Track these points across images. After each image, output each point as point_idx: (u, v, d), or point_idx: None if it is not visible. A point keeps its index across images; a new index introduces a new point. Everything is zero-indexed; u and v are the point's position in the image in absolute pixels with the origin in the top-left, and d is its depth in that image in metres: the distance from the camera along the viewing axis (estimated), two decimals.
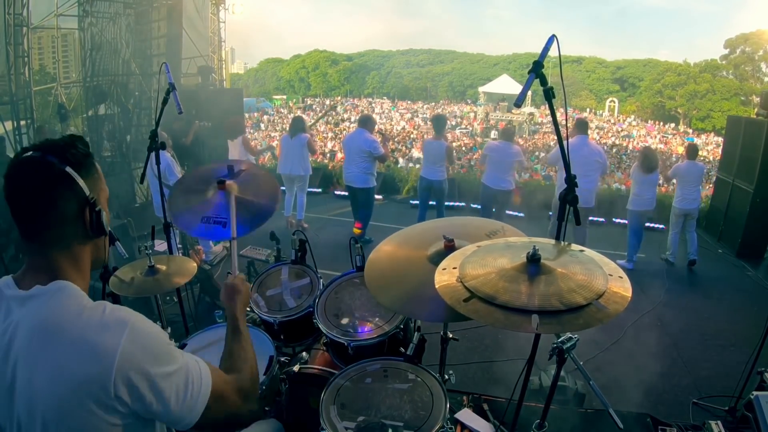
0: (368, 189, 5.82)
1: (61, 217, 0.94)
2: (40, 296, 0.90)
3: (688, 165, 5.68)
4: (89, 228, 0.97)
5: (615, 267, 1.29)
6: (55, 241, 0.95)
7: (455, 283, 1.28)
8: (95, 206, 0.97)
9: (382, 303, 1.67)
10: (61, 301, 0.90)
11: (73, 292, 0.92)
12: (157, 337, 0.92)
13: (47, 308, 0.88)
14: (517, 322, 1.13)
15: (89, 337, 0.85)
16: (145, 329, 0.91)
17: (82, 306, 0.90)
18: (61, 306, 0.89)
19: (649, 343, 3.82)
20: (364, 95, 43.46)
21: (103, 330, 0.87)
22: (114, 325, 0.88)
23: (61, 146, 0.95)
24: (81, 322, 0.87)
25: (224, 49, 10.45)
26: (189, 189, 2.21)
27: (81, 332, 0.86)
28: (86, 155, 0.99)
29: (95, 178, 1.00)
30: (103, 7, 6.53)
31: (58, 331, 0.86)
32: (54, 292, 0.91)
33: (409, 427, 1.38)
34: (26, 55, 5.94)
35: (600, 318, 1.10)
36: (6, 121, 5.74)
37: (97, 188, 1.00)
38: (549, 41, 1.45)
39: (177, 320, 2.82)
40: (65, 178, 0.93)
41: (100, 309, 0.90)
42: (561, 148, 1.48)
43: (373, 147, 5.63)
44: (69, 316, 0.88)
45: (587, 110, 36.96)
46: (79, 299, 0.92)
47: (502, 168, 5.68)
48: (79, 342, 0.85)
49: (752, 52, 32.44)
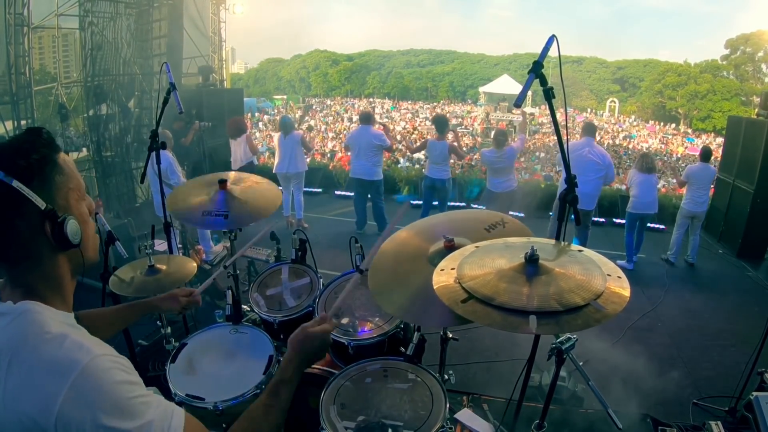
0: (379, 181, 6.20)
1: (21, 236, 0.84)
2: (7, 315, 0.84)
3: (701, 167, 5.65)
4: (53, 241, 0.87)
5: (614, 267, 1.29)
6: (21, 259, 0.87)
7: (453, 284, 1.28)
8: (56, 217, 0.86)
9: (387, 310, 1.67)
10: (23, 326, 0.82)
11: (36, 318, 0.83)
12: (113, 385, 0.80)
13: (9, 331, 0.82)
14: (516, 323, 1.13)
15: (37, 373, 0.78)
16: (99, 375, 0.79)
17: (42, 335, 0.81)
18: (21, 332, 0.82)
19: (649, 343, 3.82)
20: (365, 95, 43.46)
21: (52, 368, 0.78)
22: (65, 365, 0.78)
23: (8, 155, 0.84)
24: (35, 355, 0.79)
25: (224, 49, 10.46)
26: (188, 193, 2.24)
27: (31, 366, 0.78)
28: (41, 159, 0.86)
29: (57, 180, 0.88)
30: (104, 7, 6.53)
31: (13, 359, 0.79)
32: (18, 314, 0.84)
33: (409, 427, 1.38)
34: (27, 55, 5.94)
35: (599, 318, 1.10)
36: (6, 121, 5.75)
37: (62, 191, 0.89)
38: (549, 41, 1.45)
39: (177, 320, 2.82)
40: (15, 194, 0.82)
41: (58, 342, 0.81)
42: (561, 148, 1.48)
43: (382, 140, 6.07)
44: (26, 345, 0.80)
45: (587, 110, 36.95)
46: (40, 327, 0.82)
47: (501, 173, 5.74)
48: (28, 376, 0.78)
49: (753, 52, 32.43)
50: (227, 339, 1.90)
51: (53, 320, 0.85)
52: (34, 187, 0.84)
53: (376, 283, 1.56)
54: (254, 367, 1.73)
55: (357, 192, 6.36)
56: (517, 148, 5.83)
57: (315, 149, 18.07)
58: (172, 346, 2.14)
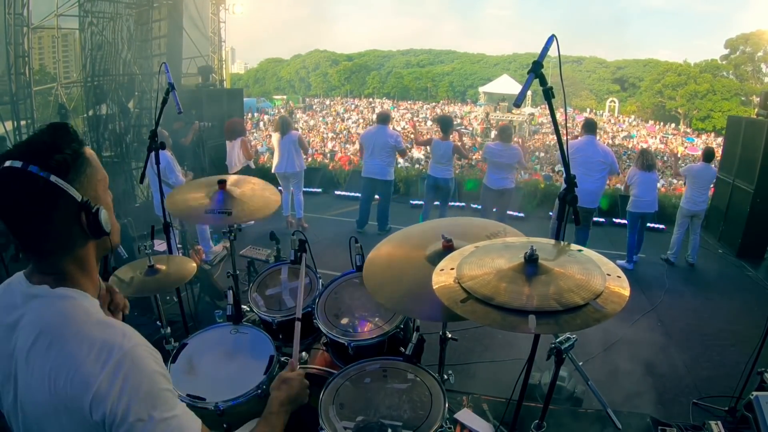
0: (390, 181, 6.25)
1: (56, 227, 0.89)
2: (46, 297, 0.88)
3: (702, 167, 5.65)
4: (88, 231, 0.91)
5: (614, 267, 1.29)
6: (56, 249, 0.91)
7: (452, 284, 1.28)
8: (90, 208, 0.91)
9: (379, 301, 1.67)
10: (65, 310, 0.87)
11: (78, 303, 0.89)
12: (151, 374, 0.85)
13: (51, 314, 0.87)
14: (515, 322, 1.13)
15: (79, 355, 0.82)
16: (139, 362, 0.84)
17: (86, 320, 0.87)
18: (63, 315, 0.87)
19: (649, 343, 3.82)
20: (365, 95, 43.46)
21: (95, 350, 0.82)
22: (108, 348, 0.83)
23: (44, 151, 0.87)
24: (79, 338, 0.84)
25: (224, 49, 10.45)
26: (188, 194, 2.24)
27: (73, 348, 0.83)
28: (73, 153, 0.90)
29: (88, 173, 0.93)
30: (104, 7, 6.52)
31: (54, 340, 0.84)
32: (59, 298, 0.88)
33: (408, 426, 1.38)
34: (26, 55, 5.94)
35: (598, 318, 1.10)
36: (6, 121, 5.74)
37: (93, 182, 0.94)
38: (549, 41, 1.45)
39: (177, 320, 2.82)
40: (53, 189, 0.86)
41: (102, 327, 0.87)
42: (561, 148, 1.48)
43: (398, 142, 6.13)
44: (69, 328, 0.85)
45: (587, 110, 36.94)
46: (84, 312, 0.88)
47: (502, 169, 5.71)
48: (70, 357, 0.82)
49: (752, 52, 32.44)
50: (227, 339, 1.90)
51: (94, 307, 0.92)
52: (70, 180, 0.89)
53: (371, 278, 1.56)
54: (255, 367, 1.73)
55: (365, 191, 6.36)
56: (523, 151, 5.85)
57: (315, 149, 18.10)
58: (172, 346, 2.14)
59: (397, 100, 40.35)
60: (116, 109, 6.94)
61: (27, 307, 0.89)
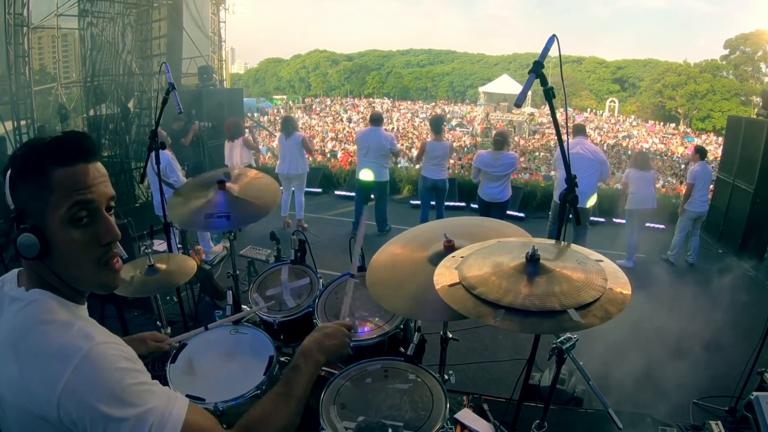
0: (386, 182, 6.26)
1: None
2: (19, 301, 0.88)
3: (703, 166, 5.65)
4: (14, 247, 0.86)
5: (614, 267, 1.29)
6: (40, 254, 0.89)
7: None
8: (21, 221, 0.86)
9: (385, 307, 1.68)
10: (31, 313, 0.85)
11: (44, 306, 0.86)
12: (113, 371, 0.80)
13: (18, 318, 0.86)
14: (514, 322, 1.13)
15: (43, 359, 0.80)
16: (100, 361, 0.80)
17: (49, 322, 0.84)
18: (29, 319, 0.85)
19: (648, 342, 3.82)
20: (365, 95, 43.48)
21: (57, 354, 0.79)
22: (69, 351, 0.79)
23: (28, 153, 0.89)
24: (42, 341, 0.82)
25: (224, 49, 10.46)
26: (188, 196, 2.23)
27: (38, 352, 0.80)
28: (36, 173, 0.86)
29: (45, 198, 0.86)
30: (104, 7, 6.52)
31: (21, 345, 0.82)
32: (28, 302, 0.87)
33: (409, 427, 1.38)
34: (26, 55, 5.95)
35: (597, 318, 1.10)
36: (6, 121, 5.76)
37: (47, 209, 0.86)
38: (549, 41, 1.44)
39: (177, 320, 2.82)
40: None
41: (65, 329, 0.83)
42: (561, 148, 1.47)
43: (392, 143, 6.13)
44: (34, 331, 0.83)
45: (587, 110, 36.97)
46: (48, 314, 0.85)
47: (494, 179, 5.32)
48: (35, 361, 0.80)
49: (752, 52, 32.47)
50: (227, 339, 1.89)
51: (61, 309, 0.87)
52: (16, 189, 0.90)
53: (375, 284, 1.56)
54: (255, 367, 1.73)
55: (360, 192, 6.33)
56: (519, 156, 5.77)
57: (316, 149, 18.10)
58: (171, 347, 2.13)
59: (397, 100, 40.35)
60: (116, 109, 6.95)
61: (7, 309, 0.89)
